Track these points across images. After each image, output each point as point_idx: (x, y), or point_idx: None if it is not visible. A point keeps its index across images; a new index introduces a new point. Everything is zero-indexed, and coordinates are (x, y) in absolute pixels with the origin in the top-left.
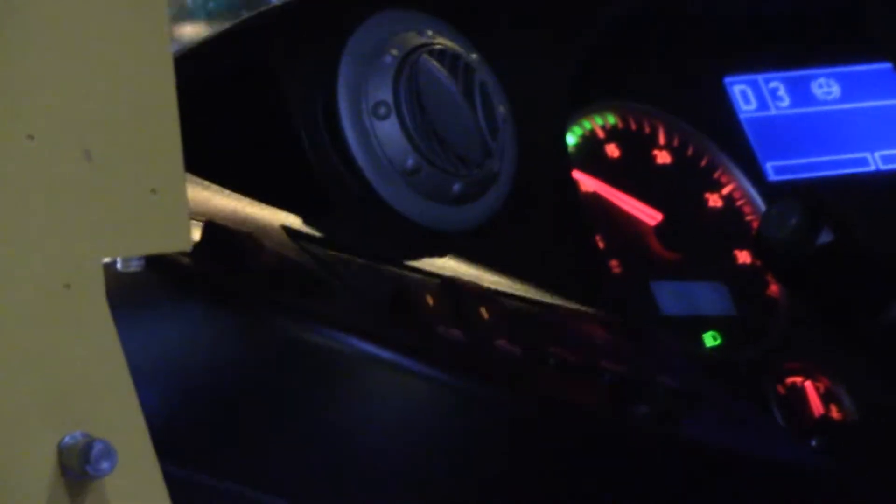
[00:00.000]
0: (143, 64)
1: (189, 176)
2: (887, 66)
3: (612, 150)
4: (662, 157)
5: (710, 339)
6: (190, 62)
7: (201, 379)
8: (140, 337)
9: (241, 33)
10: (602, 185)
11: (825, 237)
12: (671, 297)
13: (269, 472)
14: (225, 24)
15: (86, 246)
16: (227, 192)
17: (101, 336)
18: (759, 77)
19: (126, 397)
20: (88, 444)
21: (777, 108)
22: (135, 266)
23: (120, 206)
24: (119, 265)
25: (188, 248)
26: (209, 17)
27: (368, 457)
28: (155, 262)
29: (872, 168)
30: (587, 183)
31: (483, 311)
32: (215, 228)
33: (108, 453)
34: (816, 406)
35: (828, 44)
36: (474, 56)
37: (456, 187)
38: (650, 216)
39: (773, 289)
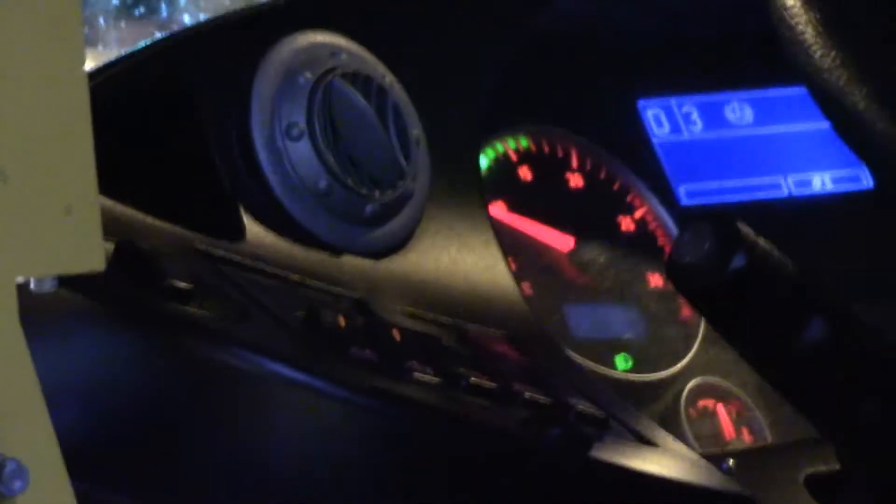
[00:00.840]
0: (57, 83)
1: (102, 196)
2: (800, 90)
3: (525, 173)
4: (575, 181)
5: (623, 362)
6: (103, 81)
7: (114, 399)
8: (53, 356)
9: (155, 53)
10: (513, 214)
11: (738, 262)
12: (583, 319)
13: (180, 493)
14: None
15: None
16: (139, 211)
17: (13, 355)
18: (672, 101)
19: (38, 416)
20: (1, 464)
21: (690, 132)
22: (48, 286)
23: (33, 225)
24: (32, 285)
25: (101, 268)
26: None
27: (281, 478)
28: (68, 282)
29: (786, 193)
30: (500, 209)
31: (395, 332)
32: (127, 248)
33: (20, 472)
34: (728, 429)
35: (741, 68)
36: (387, 78)
37: (369, 208)
38: (562, 242)
39: (685, 312)
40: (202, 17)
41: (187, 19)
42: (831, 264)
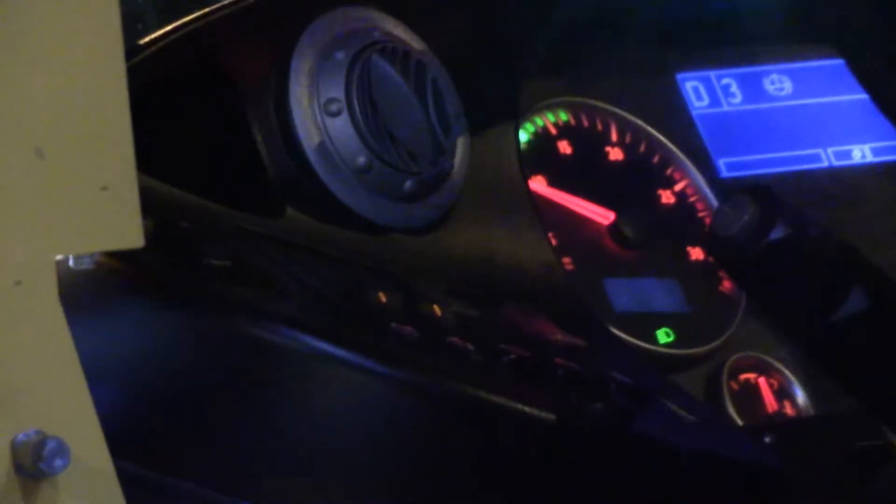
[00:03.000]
0: (94, 61)
1: (140, 174)
2: (838, 62)
3: (565, 147)
4: (615, 154)
5: (664, 336)
6: (141, 59)
7: (155, 377)
8: (93, 334)
9: (192, 31)
10: (553, 189)
11: (777, 233)
12: (624, 294)
13: (224, 472)
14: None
15: (38, 243)
16: (177, 189)
17: (53, 334)
18: (712, 73)
19: (79, 395)
20: (41, 442)
21: (730, 104)
22: (87, 263)
23: (72, 203)
24: (71, 262)
25: (141, 245)
26: None
27: (325, 454)
28: (107, 260)
29: (825, 164)
30: (540, 183)
31: (436, 308)
32: (168, 226)
33: (62, 451)
34: (770, 402)
35: (780, 40)
36: (426, 53)
37: (408, 185)
38: (603, 216)
39: (726, 285)
40: None
41: None
42: (871, 235)
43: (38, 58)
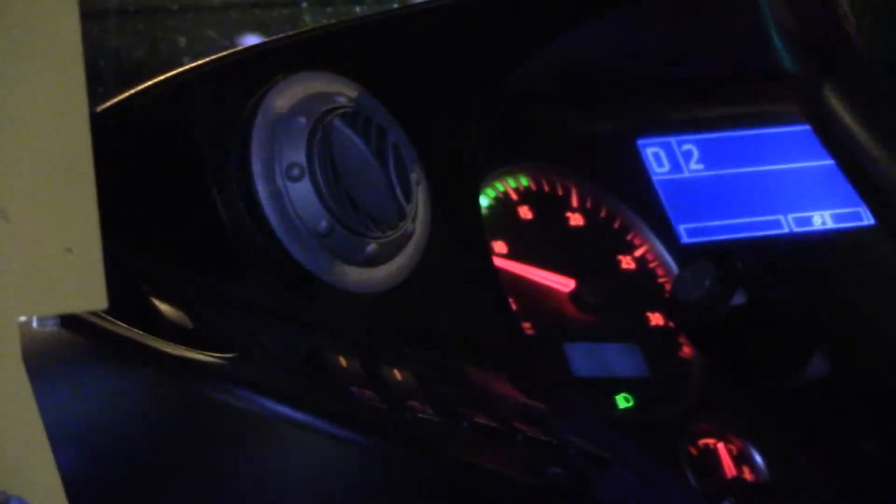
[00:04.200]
0: (60, 124)
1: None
2: (799, 128)
3: (525, 213)
4: (575, 220)
5: (623, 401)
6: (104, 122)
7: (117, 439)
8: (55, 395)
9: (154, 94)
10: (514, 255)
11: (738, 299)
12: (584, 358)
13: None
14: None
15: (1, 304)
16: (139, 252)
17: (16, 394)
18: (672, 139)
19: (42, 455)
20: (5, 501)
21: (690, 170)
22: (51, 325)
23: (36, 264)
24: (35, 324)
25: (104, 306)
26: None
27: None
28: (69, 322)
29: (786, 230)
30: (500, 248)
31: (396, 372)
32: (130, 288)
33: None
34: (729, 467)
35: (740, 107)
36: (388, 118)
37: (369, 249)
38: (563, 284)
39: (686, 350)
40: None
41: (187, 61)
42: (831, 302)
43: (3, 120)
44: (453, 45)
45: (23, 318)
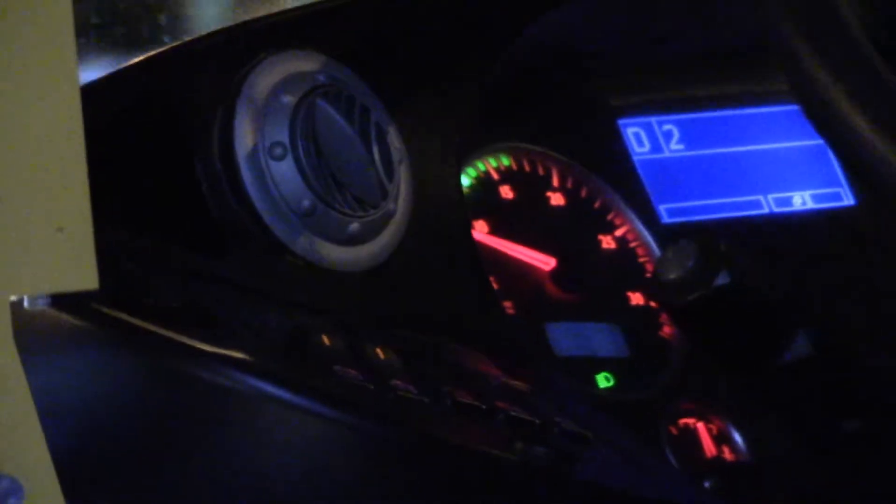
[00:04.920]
0: (50, 103)
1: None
2: (780, 108)
3: (507, 192)
4: (556, 199)
5: (604, 381)
6: (91, 101)
7: (105, 417)
8: (46, 375)
9: (137, 73)
10: (495, 234)
11: (721, 279)
12: (565, 338)
13: None
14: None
15: None
16: (125, 231)
17: (6, 373)
18: (653, 119)
19: (32, 434)
20: None
21: (671, 150)
22: (41, 304)
23: (27, 244)
24: (26, 303)
25: (95, 286)
26: None
27: (269, 496)
28: (57, 302)
29: (766, 210)
30: (482, 228)
31: (379, 351)
32: (115, 266)
33: (16, 490)
34: (709, 447)
35: (720, 86)
36: (370, 97)
37: (352, 227)
38: (544, 262)
39: (667, 330)
40: (184, 37)
41: (168, 40)
42: (812, 281)
43: None
44: (436, 24)
45: (13, 298)
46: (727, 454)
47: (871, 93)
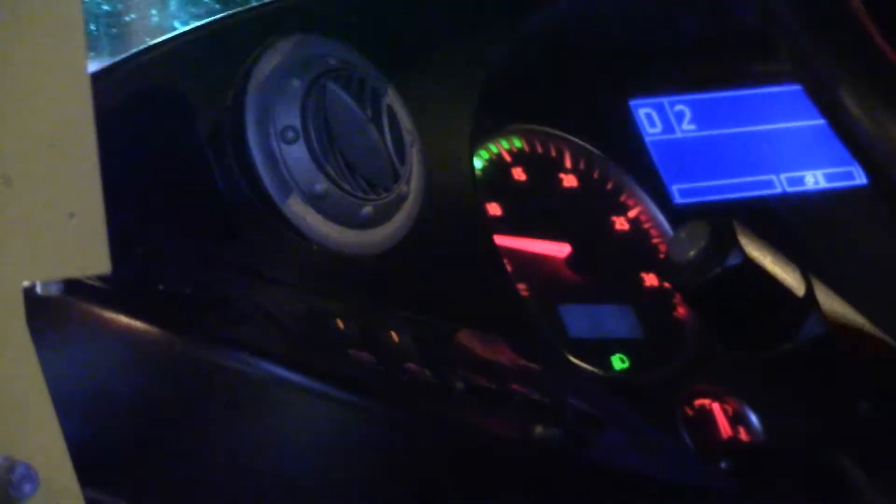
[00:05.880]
0: (60, 89)
1: None
2: (790, 88)
3: (519, 174)
4: (569, 181)
5: (619, 362)
6: (100, 88)
7: (120, 403)
8: (59, 360)
9: (148, 60)
10: (508, 216)
11: (734, 259)
12: (579, 320)
13: (187, 496)
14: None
15: (5, 269)
16: (138, 216)
17: (20, 359)
18: (665, 100)
19: (47, 421)
20: (10, 467)
21: (682, 130)
22: (54, 290)
23: (38, 229)
24: (39, 289)
25: (107, 271)
26: None
27: (284, 479)
28: (70, 287)
29: (779, 190)
30: (494, 209)
31: (393, 334)
32: (127, 253)
33: (30, 476)
34: (724, 428)
35: (732, 66)
36: (381, 80)
37: (364, 211)
38: (558, 250)
39: (681, 311)
40: (193, 23)
41: (178, 25)
42: (825, 260)
43: (4, 86)
44: (446, 6)
45: (27, 284)
46: (743, 435)
47: (872, 73)
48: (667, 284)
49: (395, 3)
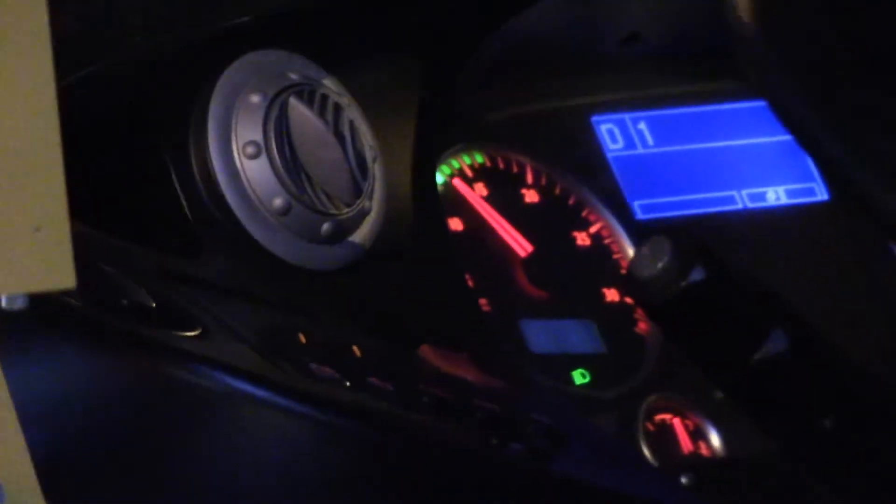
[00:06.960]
0: (27, 102)
1: None
2: (753, 104)
3: (481, 189)
4: (530, 196)
5: (580, 377)
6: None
7: (83, 418)
8: (24, 374)
9: (113, 72)
10: (470, 230)
11: (696, 275)
12: (541, 335)
13: None
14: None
15: None
16: (100, 232)
17: None
18: (627, 116)
19: (12, 436)
20: None
21: (644, 146)
22: (19, 304)
23: (4, 243)
24: (3, 302)
25: (73, 285)
26: None
27: (246, 494)
28: (39, 300)
29: (740, 206)
30: (456, 224)
31: (355, 348)
32: (91, 267)
33: None
34: (685, 443)
35: (694, 83)
36: (343, 95)
37: (326, 226)
38: (521, 246)
39: (642, 326)
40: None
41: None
42: (787, 276)
43: None
44: (408, 22)
45: None
46: (704, 450)
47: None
48: (628, 299)
49: (356, 20)
